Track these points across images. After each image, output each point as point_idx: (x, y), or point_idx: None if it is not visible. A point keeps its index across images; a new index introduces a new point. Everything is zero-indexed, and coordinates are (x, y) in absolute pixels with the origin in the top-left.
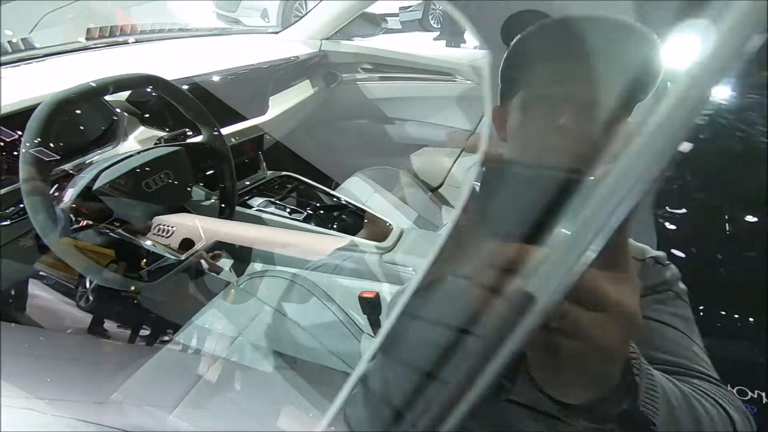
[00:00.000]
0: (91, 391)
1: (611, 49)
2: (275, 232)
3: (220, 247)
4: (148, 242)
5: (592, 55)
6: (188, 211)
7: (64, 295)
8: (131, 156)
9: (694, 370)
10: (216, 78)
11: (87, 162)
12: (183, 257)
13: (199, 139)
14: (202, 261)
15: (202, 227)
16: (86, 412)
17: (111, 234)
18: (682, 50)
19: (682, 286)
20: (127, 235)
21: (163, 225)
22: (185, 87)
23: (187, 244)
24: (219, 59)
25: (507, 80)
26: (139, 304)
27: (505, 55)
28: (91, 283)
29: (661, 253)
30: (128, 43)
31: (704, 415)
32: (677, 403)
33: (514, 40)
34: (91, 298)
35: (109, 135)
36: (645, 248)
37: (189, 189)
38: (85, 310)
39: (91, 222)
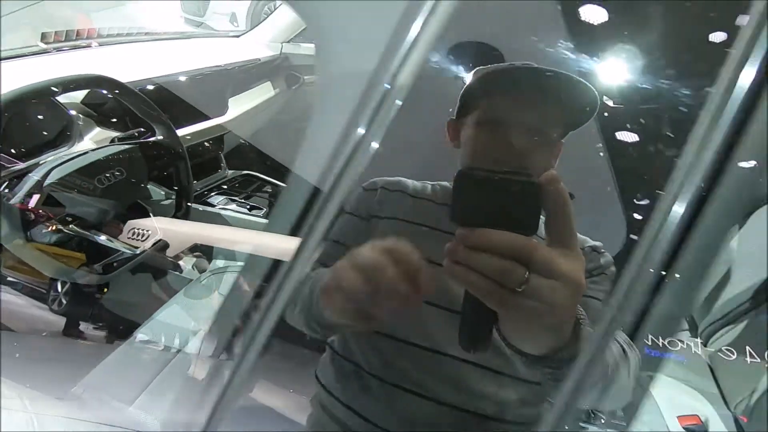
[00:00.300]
0: (52, 388)
1: (557, 95)
2: (243, 233)
3: (198, 249)
4: (103, 237)
5: (542, 96)
6: (144, 207)
7: (32, 297)
8: (84, 153)
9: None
10: (176, 80)
11: (41, 162)
12: (138, 251)
13: (153, 138)
14: (181, 263)
15: (176, 230)
16: (47, 407)
17: (65, 231)
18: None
19: (614, 269)
20: (83, 232)
21: (137, 229)
22: (150, 87)
23: (161, 246)
24: (181, 62)
25: (466, 101)
26: (106, 304)
27: (469, 82)
28: (63, 286)
29: (598, 243)
30: (91, 46)
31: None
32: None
33: (481, 73)
34: (64, 301)
35: (64, 136)
36: (585, 239)
37: (143, 186)
38: (59, 314)
39: (55, 225)
